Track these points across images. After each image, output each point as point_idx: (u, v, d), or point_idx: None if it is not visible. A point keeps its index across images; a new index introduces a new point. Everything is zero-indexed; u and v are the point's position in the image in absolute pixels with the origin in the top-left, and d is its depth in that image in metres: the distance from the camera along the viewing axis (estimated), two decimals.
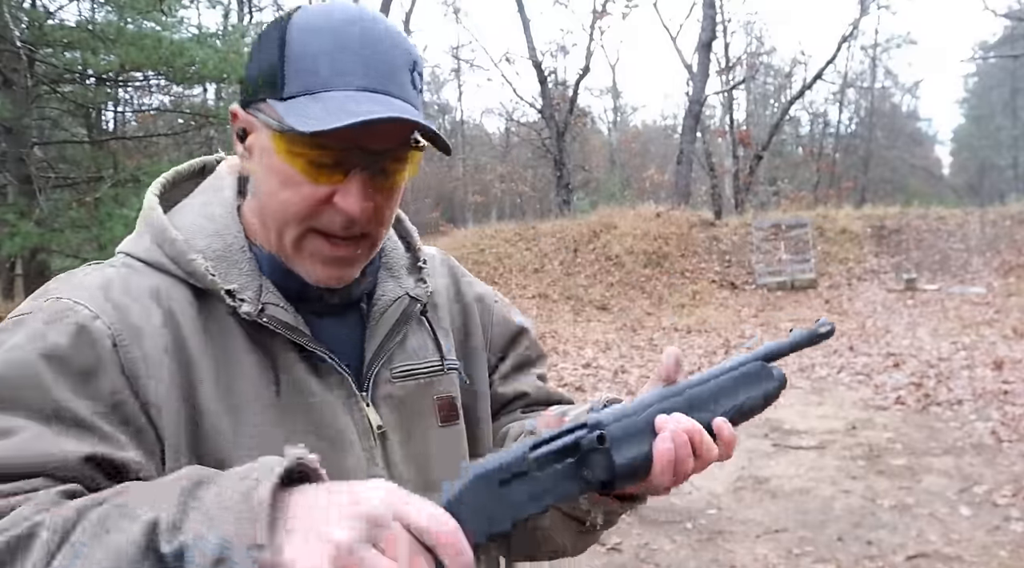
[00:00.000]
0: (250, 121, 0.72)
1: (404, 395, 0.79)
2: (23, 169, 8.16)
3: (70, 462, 0.59)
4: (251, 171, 0.75)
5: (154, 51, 8.13)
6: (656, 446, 0.66)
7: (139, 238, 0.76)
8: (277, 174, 0.70)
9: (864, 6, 21.54)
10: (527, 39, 20.00)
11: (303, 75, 0.68)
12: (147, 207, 0.77)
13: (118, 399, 0.64)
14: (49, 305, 0.67)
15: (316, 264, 0.72)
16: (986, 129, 35.51)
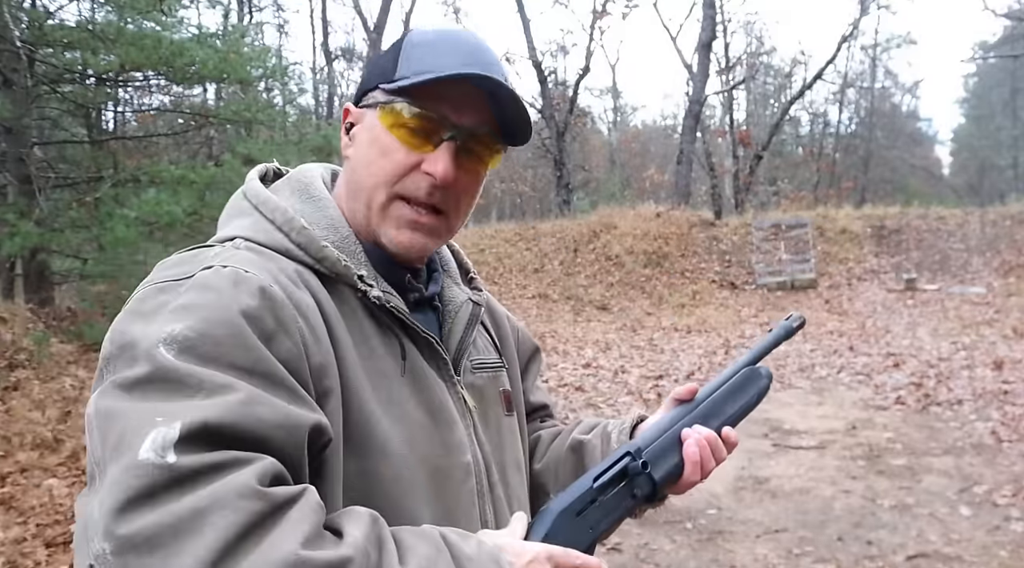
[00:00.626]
0: (359, 112, 0.83)
1: (483, 385, 0.90)
2: (23, 169, 8.16)
3: (300, 431, 0.61)
4: (349, 157, 0.83)
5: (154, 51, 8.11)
6: (686, 452, 0.84)
7: (256, 224, 0.78)
8: (377, 145, 0.80)
9: (864, 6, 21.53)
10: (527, 39, 20.05)
11: (413, 62, 0.79)
12: (256, 193, 0.81)
13: (298, 365, 0.66)
14: (215, 272, 0.67)
15: (401, 228, 0.80)
16: (986, 129, 35.50)
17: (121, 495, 0.53)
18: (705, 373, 7.44)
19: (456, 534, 0.64)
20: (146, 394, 0.58)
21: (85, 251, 8.60)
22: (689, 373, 7.42)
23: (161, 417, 0.56)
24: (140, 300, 0.66)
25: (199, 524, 0.52)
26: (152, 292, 0.67)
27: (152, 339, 0.60)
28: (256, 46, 10.58)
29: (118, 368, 0.61)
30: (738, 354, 8.44)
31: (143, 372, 0.59)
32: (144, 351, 0.60)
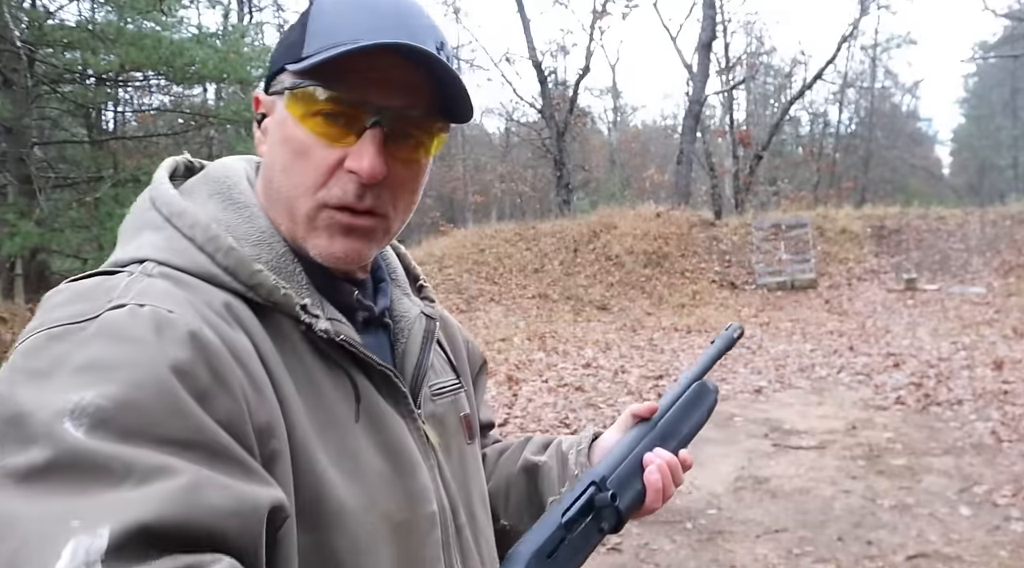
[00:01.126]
0: (269, 101, 0.68)
1: (443, 413, 0.78)
2: (23, 169, 8.16)
3: (258, 514, 0.49)
4: (264, 154, 0.70)
5: (154, 51, 8.13)
6: (648, 479, 0.80)
7: (171, 242, 0.62)
8: (290, 143, 0.65)
9: (864, 6, 21.54)
10: (527, 39, 20.03)
11: (322, 36, 0.63)
12: (168, 201, 0.64)
13: (241, 428, 0.53)
14: (130, 313, 0.53)
15: (334, 236, 0.66)
16: (986, 129, 35.52)
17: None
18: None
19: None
20: (52, 488, 0.43)
21: (85, 251, 8.61)
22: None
23: (78, 520, 0.42)
24: (28, 353, 0.50)
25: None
26: (43, 341, 0.51)
27: (52, 410, 0.46)
28: (256, 46, 10.58)
29: (6, 451, 0.45)
30: (738, 354, 8.44)
31: (44, 457, 0.44)
32: (43, 428, 0.45)
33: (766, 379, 7.05)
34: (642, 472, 0.80)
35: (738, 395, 6.48)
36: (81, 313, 0.53)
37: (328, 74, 0.62)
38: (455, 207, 30.91)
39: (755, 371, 7.45)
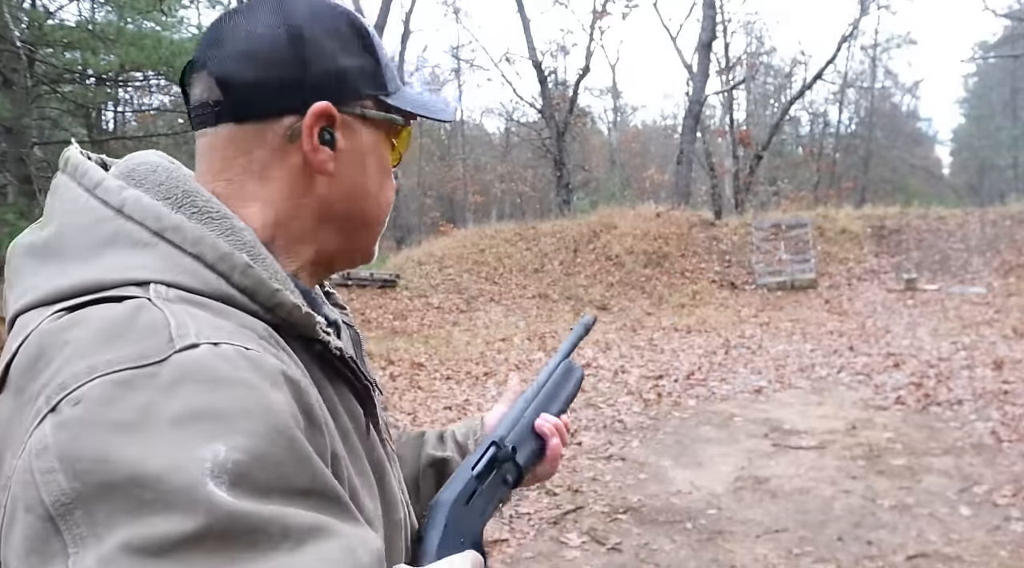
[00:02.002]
0: (344, 121, 0.67)
1: (385, 418, 0.77)
2: (23, 169, 8.16)
3: (383, 564, 0.48)
4: (333, 176, 0.67)
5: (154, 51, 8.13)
6: (542, 430, 0.91)
7: (172, 261, 0.55)
8: (381, 173, 0.71)
9: (864, 6, 21.55)
10: (527, 39, 20.02)
11: (390, 70, 0.71)
12: (153, 211, 0.57)
13: (328, 463, 0.52)
14: (214, 353, 0.48)
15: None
16: (986, 129, 35.52)
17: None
18: (705, 373, 7.44)
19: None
20: (210, 558, 0.40)
21: None
22: (689, 373, 7.43)
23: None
24: (103, 403, 0.44)
25: None
26: (111, 389, 0.44)
27: (188, 470, 0.42)
28: None
29: (140, 520, 0.40)
30: (738, 354, 8.45)
31: (195, 524, 0.40)
32: (183, 490, 0.41)
33: (766, 379, 7.05)
34: (535, 434, 0.91)
35: (738, 395, 6.48)
36: (142, 355, 0.46)
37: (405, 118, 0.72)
38: (455, 207, 30.91)
39: (755, 371, 7.46)
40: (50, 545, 0.41)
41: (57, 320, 0.50)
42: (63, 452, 0.42)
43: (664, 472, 4.56)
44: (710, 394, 6.55)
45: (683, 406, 6.17)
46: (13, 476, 0.43)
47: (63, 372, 0.46)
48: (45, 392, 0.45)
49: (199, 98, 0.66)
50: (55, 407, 0.44)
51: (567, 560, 3.44)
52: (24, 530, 0.41)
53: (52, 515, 0.41)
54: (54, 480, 0.41)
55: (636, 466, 4.68)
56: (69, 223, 0.58)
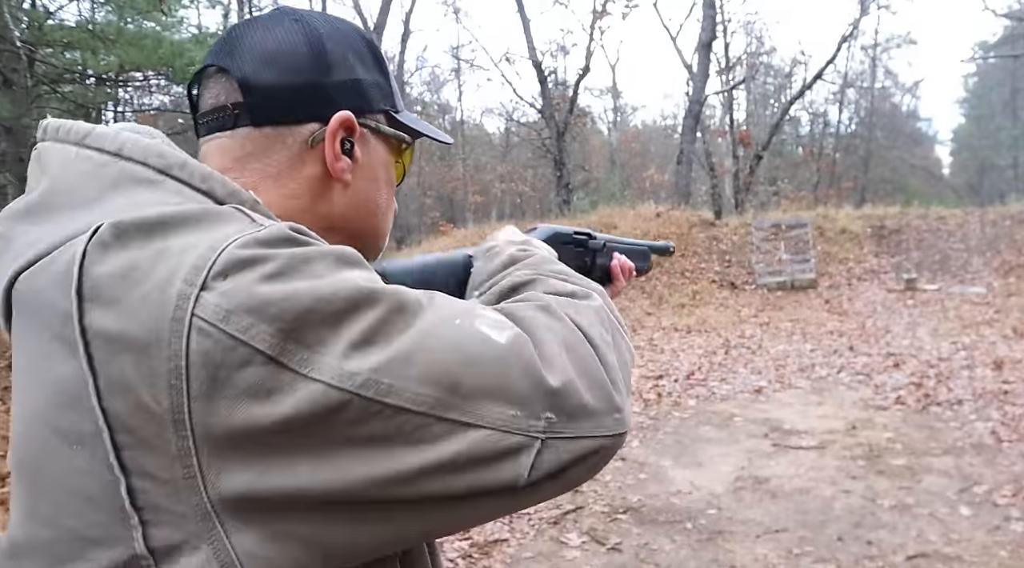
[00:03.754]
0: (363, 134, 0.69)
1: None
2: (23, 169, 8.15)
3: None
4: (349, 185, 0.69)
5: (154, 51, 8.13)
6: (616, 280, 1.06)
7: (181, 196, 0.56)
8: (388, 188, 0.74)
9: (864, 6, 21.54)
10: (527, 39, 20.00)
11: (397, 91, 0.74)
12: (162, 153, 0.57)
13: None
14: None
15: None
16: (986, 129, 35.50)
17: (529, 368, 0.53)
18: (705, 373, 7.44)
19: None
20: (398, 327, 0.51)
21: None
22: (689, 373, 7.42)
23: (457, 317, 0.54)
24: (246, 265, 0.49)
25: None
26: (246, 251, 0.50)
27: (351, 281, 0.51)
28: None
29: (328, 333, 0.48)
30: (738, 354, 8.45)
31: (383, 311, 0.51)
32: (357, 294, 0.50)
33: (766, 379, 7.05)
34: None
35: (738, 395, 6.48)
36: (242, 230, 0.52)
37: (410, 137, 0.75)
38: (455, 207, 30.89)
39: (755, 371, 7.45)
40: (282, 379, 0.47)
41: (121, 239, 0.50)
42: (250, 308, 0.47)
43: (664, 472, 4.56)
44: (710, 394, 6.55)
45: (683, 406, 6.17)
46: (189, 358, 0.46)
47: (186, 261, 0.48)
48: (175, 283, 0.47)
49: (214, 102, 0.65)
50: (204, 285, 0.47)
51: (567, 560, 3.44)
52: (247, 382, 0.46)
53: (272, 357, 0.47)
54: (258, 331, 0.47)
55: (636, 466, 4.68)
56: (62, 176, 0.56)
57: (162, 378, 0.46)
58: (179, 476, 0.47)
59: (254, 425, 0.46)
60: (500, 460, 0.51)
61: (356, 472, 0.48)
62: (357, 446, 0.48)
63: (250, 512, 0.48)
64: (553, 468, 0.54)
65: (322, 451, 0.48)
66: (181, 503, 0.47)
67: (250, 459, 0.47)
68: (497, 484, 0.52)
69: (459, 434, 0.50)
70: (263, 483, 0.47)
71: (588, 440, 0.55)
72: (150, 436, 0.47)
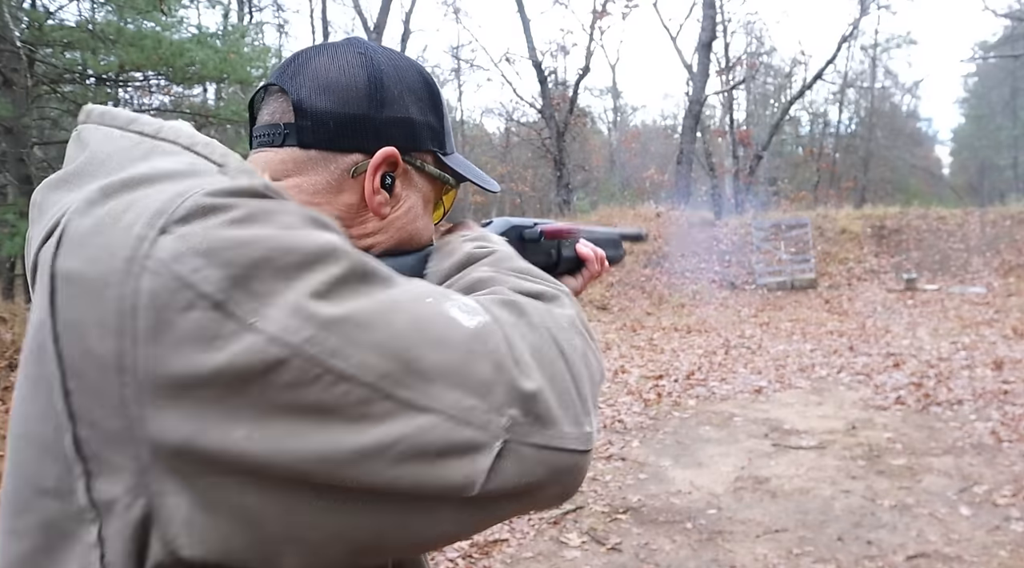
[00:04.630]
0: (408, 170, 0.70)
1: None
2: (23, 169, 8.16)
3: None
4: (387, 219, 0.70)
5: (154, 51, 8.13)
6: (590, 267, 1.02)
7: (196, 166, 0.57)
8: (427, 224, 0.75)
9: (864, 6, 21.55)
10: (527, 39, 20.01)
11: (449, 133, 0.75)
12: (191, 134, 0.60)
13: None
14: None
15: None
16: (986, 129, 35.49)
17: (495, 358, 0.50)
18: (705, 373, 7.44)
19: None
20: (359, 289, 0.49)
21: None
22: (689, 373, 7.42)
23: (429, 296, 0.52)
24: (209, 210, 0.48)
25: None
26: (212, 198, 0.49)
27: (319, 236, 0.50)
28: (256, 46, 10.59)
29: (282, 283, 0.46)
30: (738, 354, 8.45)
31: (343, 268, 0.49)
32: (321, 249, 0.49)
33: (766, 379, 7.05)
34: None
35: (738, 395, 6.48)
36: (213, 182, 0.52)
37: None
38: (455, 206, 30.83)
39: (755, 371, 7.45)
40: (225, 326, 0.44)
41: (106, 193, 0.50)
42: (203, 250, 0.45)
43: (664, 472, 4.56)
44: (710, 394, 6.55)
45: (683, 406, 6.17)
46: (137, 299, 0.45)
47: (151, 205, 0.48)
48: (136, 226, 0.47)
49: (269, 118, 0.68)
50: (163, 228, 0.46)
51: (567, 560, 3.44)
52: (189, 326, 0.44)
53: (218, 301, 0.45)
54: (207, 274, 0.45)
55: (636, 466, 4.68)
56: (100, 150, 0.58)
57: (111, 320, 0.45)
58: (120, 426, 0.46)
59: (193, 373, 0.44)
60: (450, 455, 0.47)
61: (289, 444, 0.45)
62: (293, 414, 0.45)
63: (188, 473, 0.46)
64: (517, 482, 0.50)
65: (257, 414, 0.45)
66: (122, 454, 0.46)
67: (187, 412, 0.45)
68: (446, 484, 0.48)
69: (407, 416, 0.47)
70: (198, 440, 0.45)
71: (561, 454, 0.52)
72: (96, 381, 0.46)
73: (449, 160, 0.74)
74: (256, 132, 0.69)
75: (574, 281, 1.02)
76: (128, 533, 0.46)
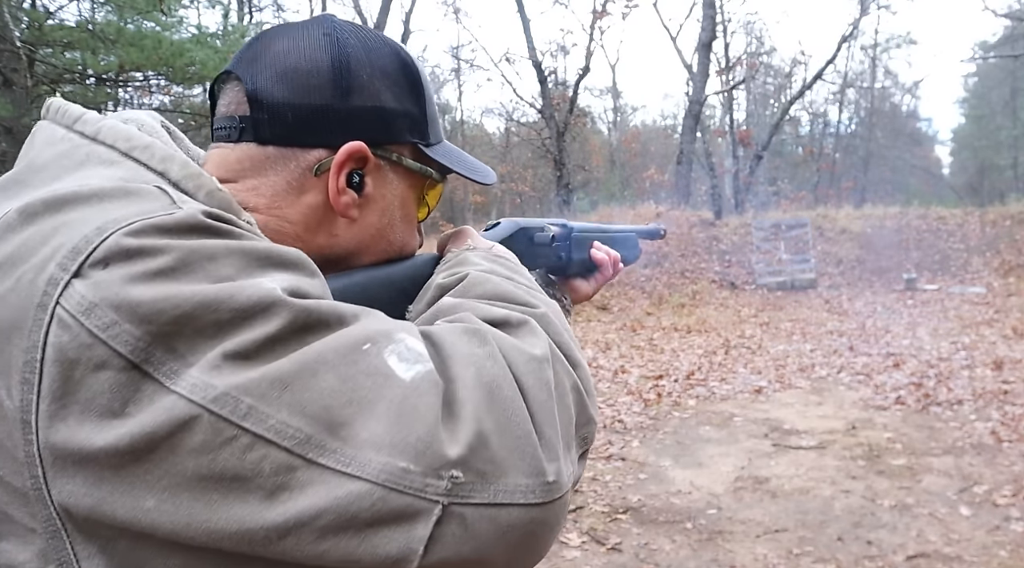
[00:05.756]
0: (376, 165, 0.63)
1: None
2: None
3: None
4: (354, 221, 0.63)
5: (154, 51, 8.13)
6: (602, 270, 1.01)
7: (137, 175, 0.54)
8: (406, 225, 0.67)
9: (864, 6, 21.55)
10: (527, 39, 20.00)
11: (434, 121, 0.67)
12: (129, 136, 0.55)
13: None
14: (212, 212, 0.52)
15: None
16: (986, 129, 35.49)
17: (430, 415, 0.44)
18: (705, 373, 7.44)
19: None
20: (293, 347, 0.44)
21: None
22: (689, 373, 7.42)
23: (368, 342, 0.45)
24: (131, 255, 0.44)
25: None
26: (136, 239, 0.45)
27: (259, 286, 0.45)
28: None
29: (206, 343, 0.42)
30: (738, 354, 8.45)
31: (279, 325, 0.44)
32: (257, 302, 0.44)
33: (766, 379, 7.05)
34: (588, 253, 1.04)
35: (738, 395, 6.48)
36: (145, 211, 0.47)
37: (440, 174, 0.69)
38: (455, 207, 30.90)
39: (755, 371, 7.45)
40: (142, 389, 0.41)
41: (26, 217, 0.46)
42: (117, 304, 0.41)
43: (664, 472, 4.56)
44: (710, 394, 6.55)
45: (683, 406, 6.17)
46: (45, 352, 0.41)
47: (68, 241, 0.43)
48: (49, 267, 0.42)
49: (225, 110, 0.62)
50: (78, 272, 0.42)
51: (567, 560, 3.44)
52: (97, 388, 0.40)
53: (134, 362, 0.41)
54: (121, 331, 0.41)
55: (636, 466, 4.68)
56: (40, 155, 0.54)
57: (17, 370, 0.41)
58: (28, 485, 0.42)
59: (98, 441, 0.40)
60: (383, 525, 0.42)
61: (202, 516, 0.41)
62: (204, 483, 0.41)
63: (103, 538, 0.42)
64: (460, 548, 0.44)
65: (168, 484, 0.41)
66: (31, 516, 0.42)
67: (94, 479, 0.41)
68: (381, 559, 0.42)
69: (331, 484, 0.41)
70: (107, 510, 0.41)
71: (510, 509, 0.45)
72: (2, 436, 0.42)
73: (433, 151, 0.67)
74: (215, 124, 0.63)
75: (586, 285, 1.00)
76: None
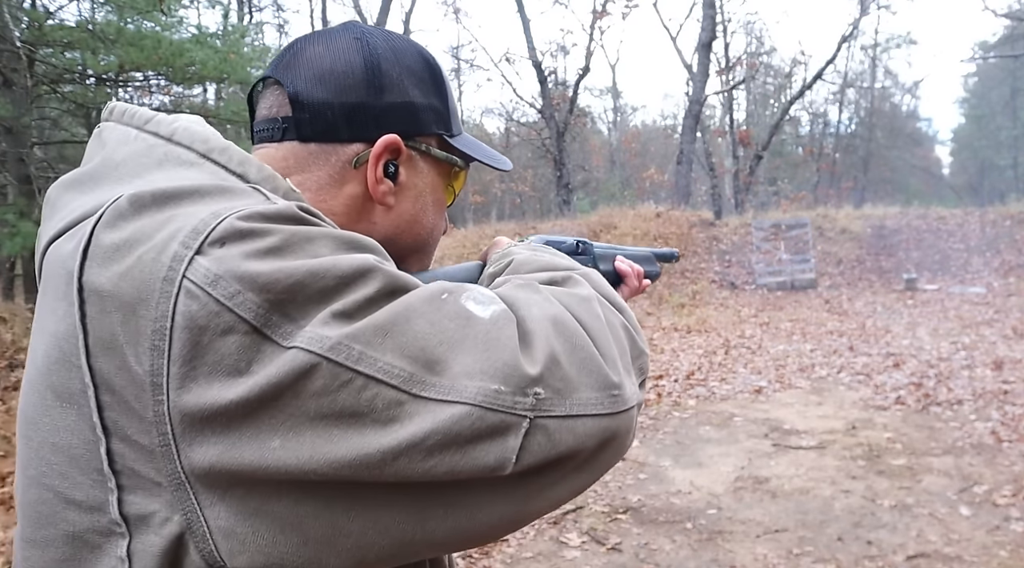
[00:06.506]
0: (408, 156, 0.69)
1: None
2: (23, 169, 8.15)
3: None
4: (390, 208, 0.69)
5: (154, 51, 8.12)
6: (629, 284, 1.04)
7: (216, 177, 0.58)
8: (436, 211, 0.74)
9: (864, 6, 21.55)
10: (527, 39, 20.00)
11: (455, 114, 0.74)
12: (207, 138, 0.60)
13: None
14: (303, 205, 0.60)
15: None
16: (986, 129, 35.50)
17: (511, 343, 0.51)
18: (705, 373, 7.44)
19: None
20: (387, 306, 0.51)
21: None
22: (689, 373, 7.42)
23: (445, 293, 0.53)
24: (244, 235, 0.50)
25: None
26: (247, 223, 0.51)
27: (353, 258, 0.52)
28: (256, 46, 10.59)
29: (314, 307, 0.48)
30: (738, 354, 8.44)
31: (376, 288, 0.51)
32: (355, 270, 0.50)
33: (766, 379, 7.05)
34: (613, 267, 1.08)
35: (738, 395, 6.48)
36: (249, 204, 0.53)
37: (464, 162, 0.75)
38: (455, 207, 30.90)
39: (755, 371, 7.45)
40: (263, 350, 0.46)
41: (137, 208, 0.51)
42: (240, 276, 0.47)
43: (664, 472, 4.56)
44: (710, 394, 6.55)
45: (683, 406, 6.17)
46: (174, 320, 0.46)
47: (186, 225, 0.49)
48: (172, 245, 0.47)
49: (267, 113, 0.67)
50: (199, 249, 0.47)
51: (567, 560, 3.43)
52: (226, 350, 0.46)
53: (256, 326, 0.46)
54: (245, 299, 0.46)
55: (636, 466, 4.68)
56: (116, 152, 0.59)
57: (146, 338, 0.46)
58: (155, 442, 0.46)
59: (232, 394, 0.45)
60: (481, 440, 0.48)
61: (324, 450, 0.46)
62: (326, 422, 0.46)
63: (224, 485, 0.46)
64: (547, 454, 0.51)
65: (292, 425, 0.46)
66: (157, 471, 0.47)
67: (222, 430, 0.46)
68: (480, 467, 0.48)
69: (435, 412, 0.48)
70: (234, 456, 0.46)
71: (586, 419, 0.52)
72: (131, 398, 0.47)
73: (456, 141, 0.73)
74: (256, 127, 0.68)
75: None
76: (162, 547, 0.47)
